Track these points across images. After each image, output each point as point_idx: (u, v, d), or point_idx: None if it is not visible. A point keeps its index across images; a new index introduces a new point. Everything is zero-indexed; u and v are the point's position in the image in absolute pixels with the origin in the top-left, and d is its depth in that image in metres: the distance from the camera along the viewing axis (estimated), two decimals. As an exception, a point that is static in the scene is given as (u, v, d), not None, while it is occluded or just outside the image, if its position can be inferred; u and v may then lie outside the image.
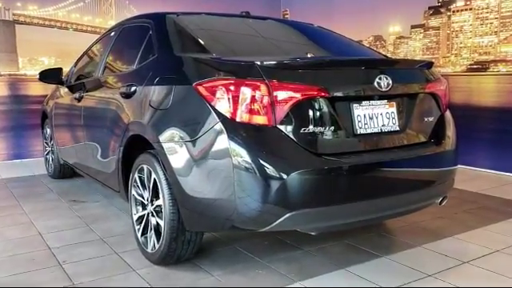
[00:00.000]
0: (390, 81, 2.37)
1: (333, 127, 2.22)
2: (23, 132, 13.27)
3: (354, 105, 2.31)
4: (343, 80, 2.33)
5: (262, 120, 2.11)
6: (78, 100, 3.71)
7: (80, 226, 3.25)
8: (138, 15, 3.45)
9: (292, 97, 2.13)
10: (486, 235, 3.04)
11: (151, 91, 2.59)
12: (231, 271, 2.50)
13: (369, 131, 2.35)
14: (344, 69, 2.39)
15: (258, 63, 2.15)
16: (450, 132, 2.72)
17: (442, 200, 2.66)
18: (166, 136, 2.37)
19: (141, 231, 2.69)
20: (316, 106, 2.19)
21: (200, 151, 2.21)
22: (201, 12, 3.40)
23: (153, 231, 2.57)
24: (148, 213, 2.62)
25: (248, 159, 2.09)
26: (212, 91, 2.20)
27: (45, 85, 4.51)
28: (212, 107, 2.18)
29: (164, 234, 2.44)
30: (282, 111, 2.12)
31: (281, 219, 2.11)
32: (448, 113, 2.79)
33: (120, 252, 2.77)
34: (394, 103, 2.46)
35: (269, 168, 2.08)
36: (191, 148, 2.25)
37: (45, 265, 2.59)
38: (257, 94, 2.11)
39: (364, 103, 2.35)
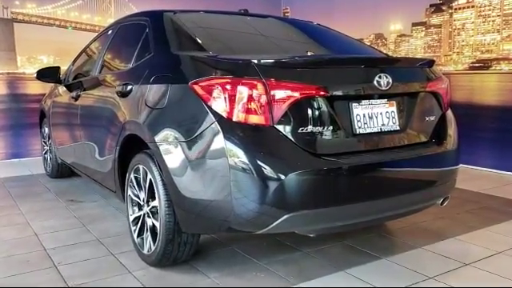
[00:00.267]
0: (390, 79, 2.32)
1: (331, 127, 2.17)
2: (22, 131, 13.24)
3: (354, 104, 2.27)
4: (342, 79, 2.28)
5: (259, 120, 2.07)
6: (75, 99, 3.68)
7: (77, 227, 3.21)
8: (135, 13, 3.42)
9: (290, 96, 2.08)
10: (488, 236, 2.99)
11: (147, 90, 2.55)
12: (228, 273, 2.46)
13: (368, 131, 2.30)
14: (343, 67, 2.33)
15: (255, 61, 2.10)
16: (452, 131, 2.67)
17: (444, 201, 2.62)
18: (162, 136, 2.33)
19: (137, 232, 2.65)
20: (314, 106, 2.14)
21: (196, 151, 2.17)
22: (199, 10, 3.36)
23: (149, 232, 2.53)
24: (144, 214, 2.59)
25: (245, 159, 2.04)
26: (208, 90, 2.16)
27: (43, 83, 4.47)
28: (208, 106, 2.14)
29: (160, 236, 2.40)
30: (280, 111, 2.07)
31: (278, 221, 2.07)
32: (449, 112, 2.75)
33: (116, 253, 2.73)
34: (394, 102, 2.41)
35: (266, 169, 2.04)
36: (187, 148, 2.20)
37: (39, 266, 2.56)
38: (254, 93, 2.06)
39: (363, 102, 2.30)
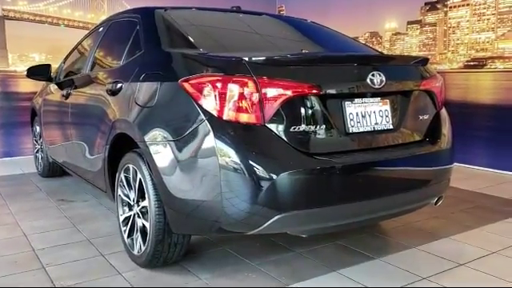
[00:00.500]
0: (384, 77, 2.29)
1: (324, 126, 2.14)
2: (13, 129, 13.09)
3: (346, 102, 2.23)
4: (335, 77, 2.24)
5: (250, 118, 2.03)
6: (66, 97, 3.63)
7: (67, 227, 3.16)
8: (127, 10, 3.37)
9: (281, 94, 2.04)
10: (483, 236, 2.97)
11: (137, 88, 2.51)
12: (220, 274, 2.43)
13: (361, 130, 2.27)
14: (336, 65, 2.30)
15: (246, 59, 2.06)
16: (446, 130, 2.65)
17: (438, 200, 2.59)
18: (152, 135, 2.29)
19: (127, 233, 2.61)
20: (306, 104, 2.10)
21: (186, 151, 2.13)
22: (191, 6, 3.31)
23: (139, 233, 2.49)
24: (134, 214, 2.54)
25: (235, 159, 2.00)
26: (198, 88, 2.11)
27: (35, 82, 4.41)
28: (198, 105, 2.10)
29: (150, 236, 2.36)
30: (271, 109, 2.04)
31: (270, 221, 2.03)
32: (444, 110, 2.72)
33: (106, 254, 2.68)
34: (388, 101, 2.38)
35: (257, 168, 2.00)
36: (177, 147, 2.16)
37: (27, 267, 2.51)
38: (245, 91, 2.02)
39: (356, 101, 2.26)
